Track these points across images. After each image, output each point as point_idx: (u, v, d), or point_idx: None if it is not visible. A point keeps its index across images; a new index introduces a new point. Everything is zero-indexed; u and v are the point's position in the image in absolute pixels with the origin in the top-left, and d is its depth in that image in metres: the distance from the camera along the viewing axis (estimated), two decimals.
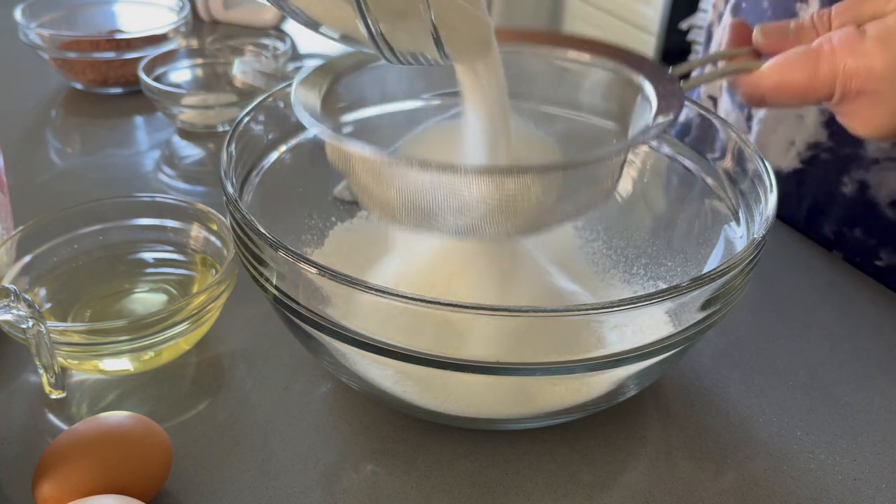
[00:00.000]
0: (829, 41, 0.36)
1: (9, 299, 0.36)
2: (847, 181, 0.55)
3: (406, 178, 0.35)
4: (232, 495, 0.37)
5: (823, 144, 0.56)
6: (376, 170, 0.36)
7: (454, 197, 0.35)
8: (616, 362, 0.34)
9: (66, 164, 0.66)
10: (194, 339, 0.44)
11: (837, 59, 0.36)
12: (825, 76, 0.36)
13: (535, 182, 0.35)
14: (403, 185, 0.35)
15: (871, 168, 0.54)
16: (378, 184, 0.36)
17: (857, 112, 0.37)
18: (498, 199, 0.34)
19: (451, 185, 0.34)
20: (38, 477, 0.34)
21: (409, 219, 0.37)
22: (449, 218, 0.36)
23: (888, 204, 0.54)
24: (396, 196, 0.36)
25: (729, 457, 0.40)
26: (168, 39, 0.77)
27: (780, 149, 0.58)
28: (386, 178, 0.36)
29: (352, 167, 0.37)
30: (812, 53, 0.36)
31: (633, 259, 0.48)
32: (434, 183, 0.35)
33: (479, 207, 0.35)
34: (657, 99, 0.38)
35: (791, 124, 0.57)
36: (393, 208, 0.37)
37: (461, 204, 0.35)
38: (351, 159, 0.37)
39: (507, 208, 0.35)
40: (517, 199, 0.35)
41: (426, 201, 0.35)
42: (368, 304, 0.33)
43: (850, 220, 0.56)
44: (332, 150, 0.38)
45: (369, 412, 0.42)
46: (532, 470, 0.39)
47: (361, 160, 0.36)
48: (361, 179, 0.37)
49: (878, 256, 0.56)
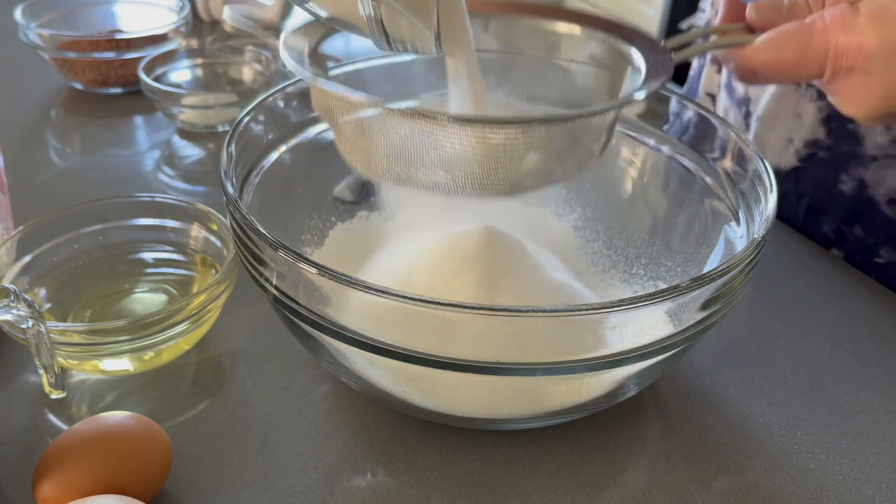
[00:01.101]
0: (822, 17, 0.36)
1: (9, 299, 0.36)
2: (846, 179, 0.55)
3: (388, 127, 0.35)
4: (232, 495, 0.37)
5: (822, 142, 0.56)
6: (359, 117, 0.36)
7: (436, 149, 0.34)
8: (616, 362, 0.34)
9: (66, 164, 0.66)
10: (194, 339, 0.44)
11: (829, 36, 0.36)
12: (816, 52, 0.36)
13: (519, 135, 0.34)
14: (385, 135, 0.35)
15: (869, 166, 0.54)
16: (360, 133, 0.36)
17: (848, 90, 0.37)
18: (481, 153, 0.34)
19: (432, 136, 0.34)
20: (38, 477, 0.34)
21: (391, 172, 0.36)
22: (430, 172, 0.35)
23: (886, 202, 0.54)
24: (378, 146, 0.35)
25: (729, 457, 0.40)
26: (168, 39, 0.77)
27: (778, 147, 0.58)
28: (368, 126, 0.35)
29: (335, 114, 0.37)
30: (804, 29, 0.36)
31: (633, 259, 0.48)
32: (416, 133, 0.34)
33: (461, 161, 0.34)
34: (646, 66, 0.38)
35: (789, 122, 0.57)
36: (374, 160, 0.36)
37: (443, 157, 0.34)
38: (334, 106, 0.37)
39: (489, 163, 0.34)
40: (500, 154, 0.34)
41: (407, 152, 0.35)
42: (368, 305, 0.33)
43: (849, 218, 0.56)
44: (317, 97, 0.38)
45: (369, 412, 0.42)
46: (532, 470, 0.39)
47: (344, 105, 0.36)
48: (343, 128, 0.37)
49: (877, 254, 0.56)
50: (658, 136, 0.48)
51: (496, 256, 0.41)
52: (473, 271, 0.40)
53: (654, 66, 0.38)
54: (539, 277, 0.42)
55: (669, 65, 0.38)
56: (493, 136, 0.34)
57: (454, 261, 0.41)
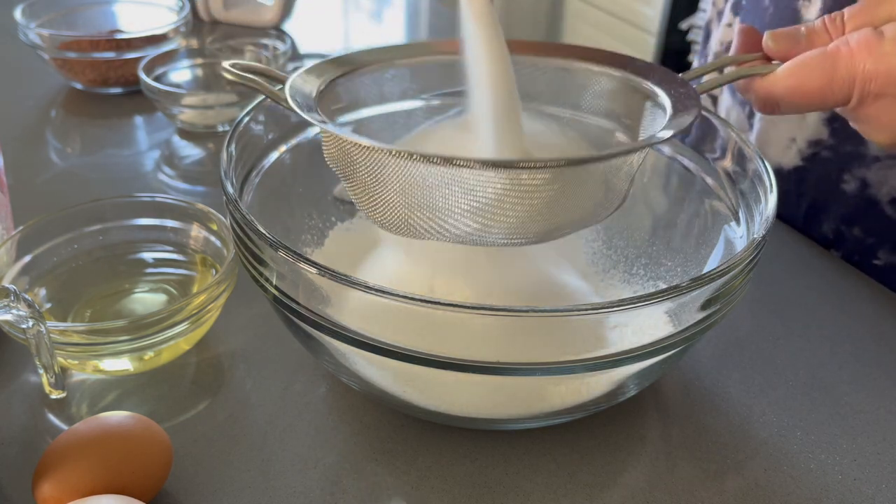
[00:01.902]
0: (847, 43, 0.35)
1: (9, 299, 0.36)
2: (848, 179, 0.55)
3: (409, 176, 0.34)
4: (232, 495, 0.37)
5: (825, 142, 0.56)
6: (377, 166, 0.35)
7: (464, 195, 0.33)
8: (616, 362, 0.34)
9: (66, 164, 0.66)
10: (194, 339, 0.44)
11: (856, 62, 0.35)
12: (843, 79, 0.35)
13: (555, 177, 0.33)
14: (406, 184, 0.34)
15: (872, 166, 0.54)
16: (379, 184, 0.35)
17: (876, 116, 0.36)
18: (513, 197, 0.33)
19: (460, 181, 0.33)
20: (38, 477, 0.34)
21: (414, 225, 0.35)
22: (458, 221, 0.34)
23: (889, 202, 0.54)
24: (398, 198, 0.35)
25: (729, 457, 0.40)
26: (168, 39, 0.77)
27: (781, 146, 0.58)
28: (387, 176, 0.35)
29: (350, 165, 0.36)
30: (829, 56, 0.36)
31: (633, 259, 0.48)
32: (441, 179, 0.33)
33: (491, 208, 0.33)
34: (672, 101, 0.37)
35: (792, 122, 0.57)
36: (395, 213, 0.35)
37: (471, 204, 0.33)
38: (350, 155, 0.36)
39: (522, 208, 0.34)
40: (533, 198, 0.33)
41: (432, 202, 0.34)
42: (368, 304, 0.33)
43: (849, 218, 0.56)
44: (330, 147, 0.37)
45: (369, 412, 0.42)
46: (532, 470, 0.39)
47: (362, 155, 0.35)
48: (361, 179, 0.36)
49: (876, 256, 0.56)
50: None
51: (496, 256, 0.41)
52: (473, 271, 0.40)
53: (679, 98, 0.37)
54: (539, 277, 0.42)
55: (695, 95, 0.37)
56: (529, 179, 0.33)
57: (454, 261, 0.41)
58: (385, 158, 0.34)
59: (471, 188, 0.33)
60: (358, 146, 0.35)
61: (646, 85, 0.40)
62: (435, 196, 0.34)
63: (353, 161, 0.36)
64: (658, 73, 0.40)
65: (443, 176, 0.33)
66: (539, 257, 0.44)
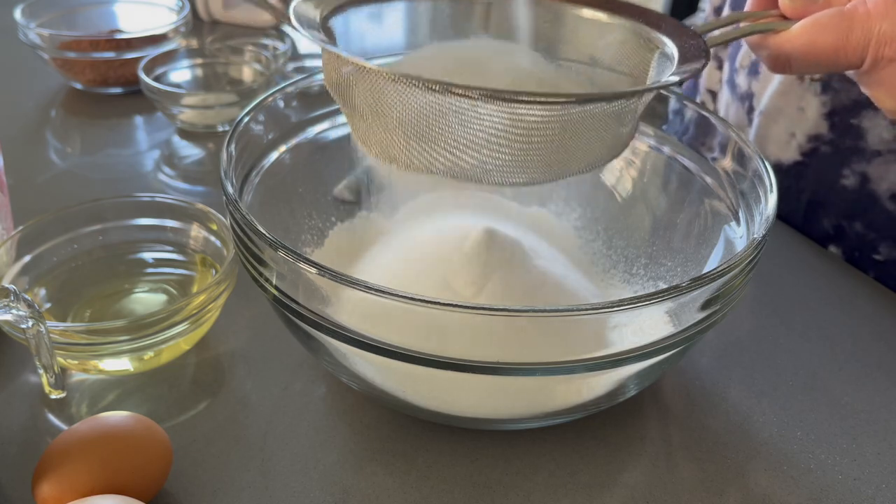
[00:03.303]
0: (864, 4, 0.35)
1: (9, 299, 0.36)
2: (848, 174, 0.55)
3: (409, 102, 0.32)
4: (232, 495, 0.37)
5: (824, 137, 0.55)
6: (376, 91, 0.33)
7: (462, 126, 0.32)
8: (616, 362, 0.34)
9: (66, 164, 0.66)
10: (194, 340, 0.44)
11: (872, 23, 0.34)
12: (858, 40, 0.35)
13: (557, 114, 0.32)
14: (405, 112, 0.32)
15: (872, 160, 0.54)
16: (376, 112, 0.33)
17: (889, 81, 0.36)
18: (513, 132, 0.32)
19: (459, 111, 0.31)
20: (38, 477, 0.34)
21: (410, 157, 0.33)
22: (456, 154, 0.33)
23: (889, 197, 0.54)
24: (397, 127, 0.33)
25: (729, 457, 0.40)
26: (168, 39, 0.77)
27: (780, 141, 0.58)
28: (386, 102, 0.33)
29: (349, 90, 0.34)
30: (845, 15, 0.35)
31: (633, 259, 0.48)
32: (442, 108, 0.31)
33: (490, 142, 0.32)
34: (681, 51, 0.36)
35: (792, 116, 0.57)
36: (392, 143, 0.34)
37: (470, 136, 0.32)
38: (348, 80, 0.34)
39: (521, 144, 0.32)
40: (534, 135, 0.32)
41: (431, 132, 0.32)
42: (368, 305, 0.33)
43: (850, 213, 0.56)
44: (330, 73, 0.35)
45: (369, 412, 0.42)
46: (532, 470, 0.39)
47: (361, 77, 0.33)
48: (359, 107, 0.34)
49: (876, 251, 0.56)
50: (658, 136, 0.48)
51: (496, 256, 0.41)
52: (473, 271, 0.40)
53: (688, 49, 0.36)
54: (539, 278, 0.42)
55: (704, 48, 0.36)
56: (529, 114, 0.31)
57: (454, 261, 0.41)
58: (383, 83, 0.32)
59: (469, 120, 0.32)
60: (357, 67, 0.33)
61: (655, 35, 0.39)
62: (432, 126, 0.32)
63: (351, 86, 0.34)
64: (669, 25, 0.39)
65: (440, 105, 0.32)
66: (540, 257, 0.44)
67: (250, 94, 0.69)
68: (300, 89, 0.48)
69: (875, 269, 0.55)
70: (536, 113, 0.32)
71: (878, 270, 0.54)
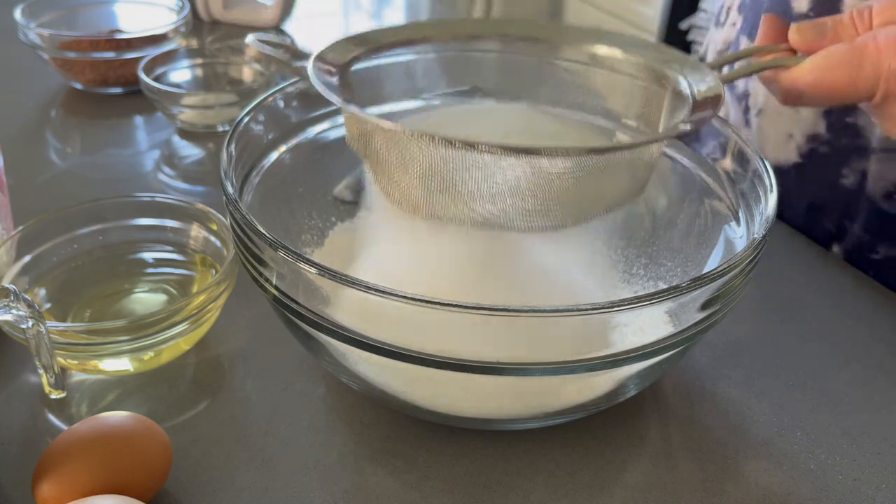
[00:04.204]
0: (874, 39, 0.35)
1: (9, 299, 0.36)
2: (847, 173, 0.55)
3: (431, 158, 0.33)
4: (232, 495, 0.37)
5: (822, 137, 0.55)
6: (399, 148, 0.34)
7: (485, 180, 0.33)
8: (616, 362, 0.34)
9: (66, 164, 0.66)
10: (194, 340, 0.44)
11: (882, 59, 0.35)
12: (868, 76, 0.35)
13: (577, 165, 0.33)
14: (428, 167, 0.34)
15: (869, 158, 0.54)
16: (400, 166, 0.35)
17: None
18: (534, 183, 0.33)
19: (482, 166, 0.32)
20: (38, 477, 0.34)
21: (432, 206, 0.35)
22: (477, 205, 0.34)
23: (883, 196, 0.54)
24: (419, 180, 0.34)
25: (729, 457, 0.40)
26: (168, 39, 0.77)
27: (779, 142, 0.58)
28: (409, 158, 0.34)
29: (372, 147, 0.36)
30: (856, 51, 0.35)
31: (633, 259, 0.48)
32: (463, 163, 0.33)
33: (511, 193, 0.33)
34: (694, 91, 0.37)
35: (789, 117, 0.57)
36: (414, 194, 0.35)
37: (492, 188, 0.33)
38: (372, 138, 0.35)
39: (542, 194, 0.33)
40: (554, 185, 0.33)
41: (452, 186, 0.33)
42: (368, 305, 0.33)
43: (849, 213, 0.56)
44: (352, 129, 0.36)
45: (369, 412, 0.42)
46: (532, 470, 0.39)
47: (384, 136, 0.34)
48: (382, 161, 0.35)
49: (875, 251, 0.56)
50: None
51: (496, 256, 0.41)
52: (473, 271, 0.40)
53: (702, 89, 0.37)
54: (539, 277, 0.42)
55: (720, 87, 0.37)
56: (551, 166, 0.33)
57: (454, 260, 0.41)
58: (406, 141, 0.34)
59: (491, 173, 0.33)
60: (379, 128, 0.34)
61: (669, 73, 0.39)
62: (455, 179, 0.34)
63: (373, 142, 0.36)
64: (681, 62, 0.39)
65: (464, 160, 0.33)
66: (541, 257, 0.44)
67: (250, 94, 0.69)
68: (300, 89, 0.48)
69: (874, 269, 0.55)
70: (557, 164, 0.33)
71: (877, 270, 0.54)
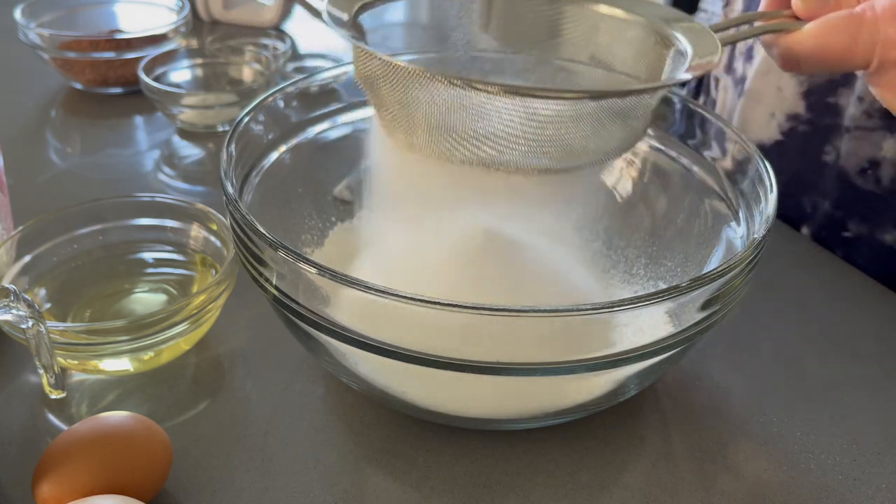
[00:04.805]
0: (873, 8, 0.36)
1: (9, 299, 0.36)
2: (830, 150, 0.56)
3: (432, 98, 0.34)
4: (232, 495, 0.37)
5: (802, 116, 0.56)
6: (403, 86, 0.35)
7: (482, 120, 0.34)
8: (616, 362, 0.34)
9: (66, 164, 0.66)
10: (194, 340, 0.44)
11: (879, 27, 0.35)
12: (865, 43, 0.35)
13: (571, 108, 0.34)
14: (429, 106, 0.34)
15: (843, 136, 0.54)
16: (402, 105, 0.35)
17: (893, 84, 0.36)
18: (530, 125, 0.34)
19: (479, 107, 0.33)
20: (38, 477, 0.34)
21: (432, 146, 0.35)
22: (475, 146, 0.35)
23: (857, 172, 0.54)
24: (421, 119, 0.35)
25: (729, 457, 0.40)
26: (168, 39, 0.77)
27: (761, 122, 0.59)
28: (412, 96, 0.35)
29: (377, 85, 0.36)
30: (854, 18, 0.36)
31: (633, 259, 0.48)
32: (462, 103, 0.33)
33: (508, 134, 0.34)
34: (693, 48, 0.37)
35: (772, 97, 0.58)
36: (416, 133, 0.36)
37: (490, 129, 0.34)
38: (377, 76, 0.36)
39: (538, 135, 0.34)
40: (549, 126, 0.34)
41: (452, 125, 0.34)
42: (368, 305, 0.33)
43: (824, 191, 0.57)
44: (359, 65, 0.37)
45: (369, 412, 0.42)
46: (532, 470, 0.39)
47: (388, 72, 0.35)
48: (384, 99, 0.36)
49: (846, 228, 0.56)
50: (658, 136, 0.48)
51: (496, 256, 0.41)
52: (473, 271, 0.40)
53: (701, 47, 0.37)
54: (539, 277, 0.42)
55: (716, 43, 0.37)
56: (544, 109, 0.33)
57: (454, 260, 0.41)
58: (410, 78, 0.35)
59: (486, 113, 0.34)
60: (386, 64, 0.35)
61: (669, 32, 0.40)
62: (454, 118, 0.34)
63: (378, 79, 0.36)
64: (683, 22, 0.40)
65: (462, 99, 0.34)
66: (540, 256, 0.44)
67: (250, 94, 0.69)
68: (300, 89, 0.48)
69: (844, 248, 0.55)
70: (551, 107, 0.33)
71: (847, 249, 0.55)
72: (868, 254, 0.56)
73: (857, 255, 0.55)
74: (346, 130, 0.50)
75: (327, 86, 0.50)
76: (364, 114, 0.49)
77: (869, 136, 0.53)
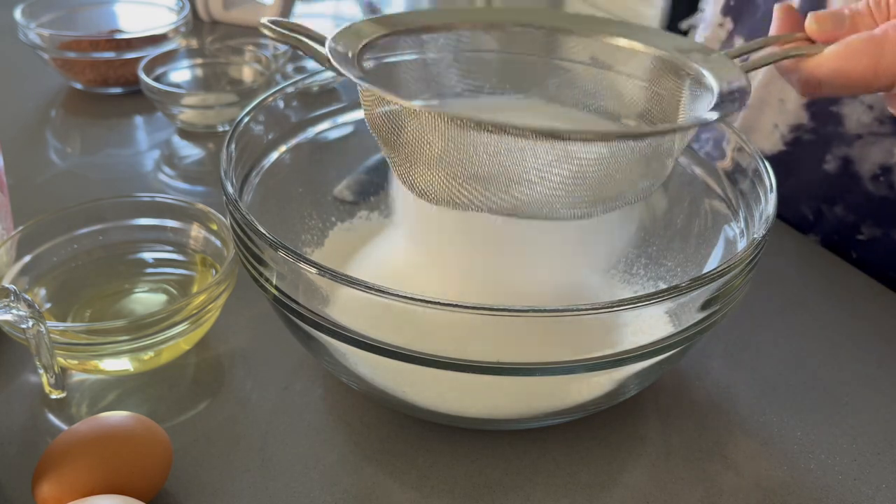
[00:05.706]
0: (894, 28, 0.35)
1: (9, 299, 0.36)
2: (830, 159, 0.56)
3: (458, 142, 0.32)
4: (232, 495, 0.37)
5: (805, 126, 0.57)
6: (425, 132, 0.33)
7: (515, 165, 0.32)
8: (616, 362, 0.34)
9: (66, 164, 0.66)
10: (194, 340, 0.44)
11: None
12: (889, 65, 0.35)
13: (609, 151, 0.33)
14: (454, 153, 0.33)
15: (853, 143, 0.54)
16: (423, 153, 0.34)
17: None
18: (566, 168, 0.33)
19: (512, 150, 0.32)
20: (38, 477, 0.34)
21: (456, 196, 0.34)
22: (504, 192, 0.33)
23: (870, 177, 0.54)
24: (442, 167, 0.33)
25: (729, 456, 0.40)
26: (168, 39, 0.77)
27: (765, 132, 0.60)
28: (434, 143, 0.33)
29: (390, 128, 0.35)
30: (876, 40, 0.36)
31: (633, 259, 0.48)
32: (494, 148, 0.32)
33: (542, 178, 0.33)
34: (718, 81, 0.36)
35: (774, 108, 0.58)
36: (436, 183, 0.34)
37: (522, 174, 0.33)
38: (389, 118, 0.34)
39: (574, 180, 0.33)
40: (587, 170, 0.33)
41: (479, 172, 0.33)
42: (368, 305, 0.33)
43: (830, 197, 0.57)
44: (370, 108, 0.36)
45: (369, 412, 0.42)
46: (532, 470, 0.39)
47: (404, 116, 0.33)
48: (405, 145, 0.34)
49: (859, 231, 0.56)
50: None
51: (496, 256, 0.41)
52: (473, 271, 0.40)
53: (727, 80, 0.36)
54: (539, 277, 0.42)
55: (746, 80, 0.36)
56: (584, 152, 0.32)
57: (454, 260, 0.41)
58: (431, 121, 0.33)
59: (518, 158, 0.32)
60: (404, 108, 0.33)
61: (690, 65, 0.39)
62: (481, 165, 0.33)
63: (391, 123, 0.35)
64: (702, 53, 0.39)
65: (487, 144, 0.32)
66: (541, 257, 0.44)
67: (250, 94, 0.69)
68: (300, 89, 0.48)
69: (859, 250, 0.55)
70: (591, 149, 0.32)
71: (862, 250, 0.55)
72: (882, 253, 0.56)
73: (872, 255, 0.55)
74: (346, 130, 0.50)
75: (327, 86, 0.51)
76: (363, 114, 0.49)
77: (881, 143, 0.53)
